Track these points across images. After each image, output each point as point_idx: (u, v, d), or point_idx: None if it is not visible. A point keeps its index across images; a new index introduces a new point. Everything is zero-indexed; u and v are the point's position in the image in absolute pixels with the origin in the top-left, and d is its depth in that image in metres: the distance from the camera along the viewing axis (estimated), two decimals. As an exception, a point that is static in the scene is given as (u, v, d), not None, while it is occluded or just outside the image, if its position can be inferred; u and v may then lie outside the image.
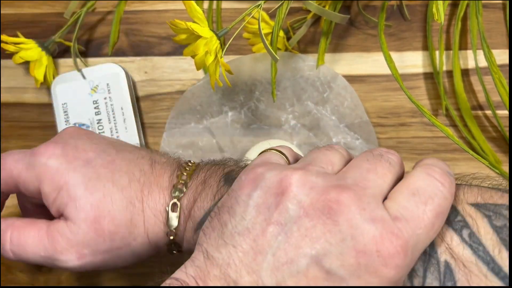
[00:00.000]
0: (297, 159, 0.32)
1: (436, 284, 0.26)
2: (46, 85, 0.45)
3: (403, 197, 0.26)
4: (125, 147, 0.35)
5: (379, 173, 0.27)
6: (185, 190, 0.32)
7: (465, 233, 0.27)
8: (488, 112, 0.43)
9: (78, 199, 0.31)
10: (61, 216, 0.33)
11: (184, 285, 0.25)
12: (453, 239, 0.27)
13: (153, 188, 0.33)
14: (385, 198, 0.27)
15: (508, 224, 0.27)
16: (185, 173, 0.33)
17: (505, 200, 0.28)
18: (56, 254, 0.32)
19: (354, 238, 0.24)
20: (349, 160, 0.30)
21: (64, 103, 0.44)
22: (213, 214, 0.28)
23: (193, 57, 0.36)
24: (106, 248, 0.32)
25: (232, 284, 0.25)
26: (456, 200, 0.28)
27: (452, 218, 0.27)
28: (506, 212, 0.27)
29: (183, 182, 0.33)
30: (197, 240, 0.28)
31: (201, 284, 0.25)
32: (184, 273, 0.26)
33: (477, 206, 0.28)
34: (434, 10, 0.34)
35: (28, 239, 0.32)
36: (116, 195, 0.32)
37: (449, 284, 0.26)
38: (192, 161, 0.35)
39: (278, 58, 0.36)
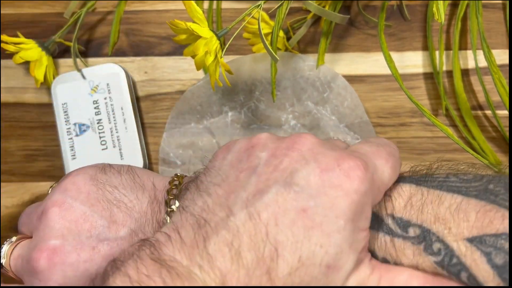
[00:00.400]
0: None
1: None
2: (46, 85, 0.45)
3: (356, 145, 0.30)
4: (107, 244, 0.31)
5: (336, 141, 0.31)
6: None
7: (464, 275, 0.26)
8: (488, 112, 0.43)
9: None
10: None
11: (154, 242, 0.25)
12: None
13: None
14: None
15: (508, 260, 0.25)
16: None
17: (506, 223, 0.26)
18: None
19: (317, 160, 0.27)
20: None
21: (64, 103, 0.44)
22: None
23: (193, 57, 0.36)
24: None
25: (203, 223, 0.25)
26: (449, 235, 0.27)
27: (448, 261, 0.27)
28: (507, 245, 0.26)
29: None
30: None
31: (173, 235, 0.25)
32: (159, 232, 0.26)
33: (474, 241, 0.26)
34: (434, 9, 0.34)
35: None
36: None
37: None
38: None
39: (278, 58, 0.36)
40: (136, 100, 0.45)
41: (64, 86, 0.44)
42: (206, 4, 0.46)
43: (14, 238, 0.33)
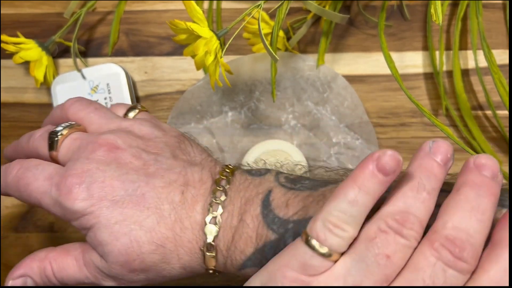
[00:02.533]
0: None
1: None
2: (46, 85, 0.45)
3: None
4: (158, 167, 0.32)
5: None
6: (218, 229, 0.31)
7: None
8: (488, 112, 0.43)
9: (104, 244, 0.31)
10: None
11: None
12: None
13: (185, 224, 0.31)
14: None
15: None
16: (218, 203, 0.31)
17: None
18: (97, 281, 0.32)
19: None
20: None
21: (64, 103, 0.44)
22: None
23: (193, 57, 0.36)
24: (142, 278, 0.32)
25: None
26: None
27: None
28: None
29: (215, 217, 0.31)
30: None
31: None
32: None
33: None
34: (432, 11, 0.34)
35: (69, 269, 0.32)
36: (143, 238, 0.30)
37: None
38: (227, 176, 0.32)
39: (278, 58, 0.36)
40: (136, 100, 0.45)
41: (64, 86, 0.44)
42: (206, 4, 0.46)
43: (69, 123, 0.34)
